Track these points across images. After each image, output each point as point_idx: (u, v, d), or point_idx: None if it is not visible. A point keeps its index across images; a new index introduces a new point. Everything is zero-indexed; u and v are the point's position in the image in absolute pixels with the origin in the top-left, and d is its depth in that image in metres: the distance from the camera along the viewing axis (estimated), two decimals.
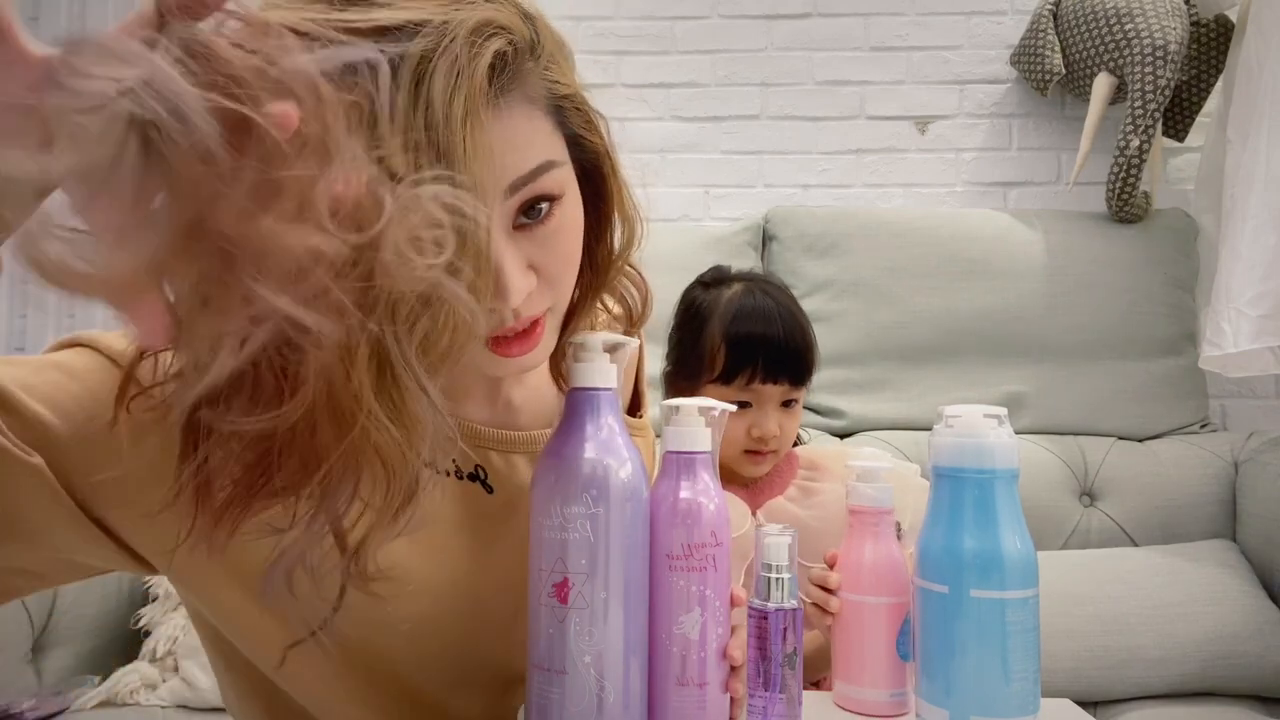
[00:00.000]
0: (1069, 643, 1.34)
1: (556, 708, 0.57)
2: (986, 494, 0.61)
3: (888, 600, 0.68)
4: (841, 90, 1.94)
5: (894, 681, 0.68)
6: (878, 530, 0.71)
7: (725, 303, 0.97)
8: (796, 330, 0.96)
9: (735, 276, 1.03)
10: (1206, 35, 1.77)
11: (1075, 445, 1.63)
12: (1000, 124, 1.93)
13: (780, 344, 0.94)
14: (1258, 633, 1.35)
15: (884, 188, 1.93)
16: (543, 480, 0.60)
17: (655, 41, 1.96)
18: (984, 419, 0.63)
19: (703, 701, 0.60)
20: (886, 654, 0.68)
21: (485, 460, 0.66)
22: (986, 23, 1.94)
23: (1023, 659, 0.59)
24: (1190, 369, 1.69)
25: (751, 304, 0.96)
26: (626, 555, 0.59)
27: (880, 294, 1.70)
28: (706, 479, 0.64)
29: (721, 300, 0.98)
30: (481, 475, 0.66)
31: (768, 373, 0.94)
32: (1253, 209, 1.47)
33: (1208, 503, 1.55)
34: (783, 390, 0.96)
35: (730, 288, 1.00)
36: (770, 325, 0.94)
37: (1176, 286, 1.73)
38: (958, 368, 1.70)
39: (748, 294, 0.98)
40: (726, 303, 0.97)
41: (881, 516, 0.71)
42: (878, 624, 0.68)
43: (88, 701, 1.27)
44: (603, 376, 0.62)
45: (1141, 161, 1.66)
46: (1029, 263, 1.71)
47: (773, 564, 0.64)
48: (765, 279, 1.04)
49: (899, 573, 0.69)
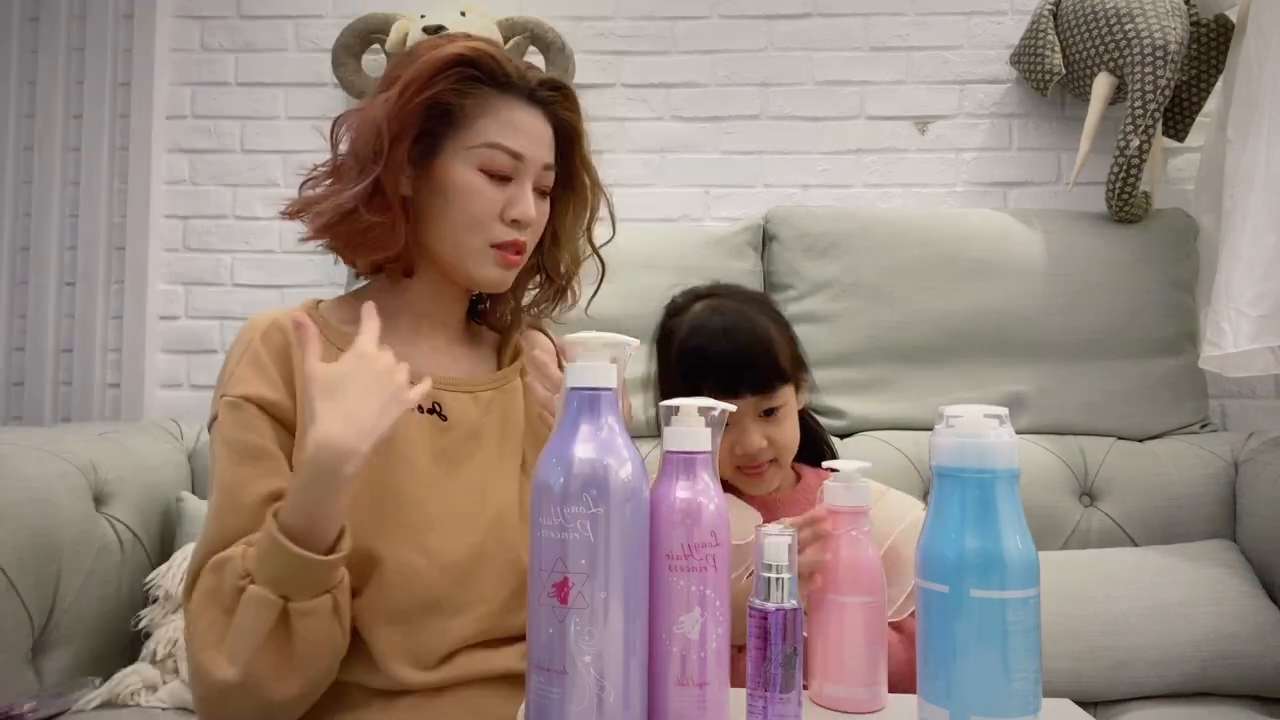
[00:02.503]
0: (1069, 643, 1.34)
1: (556, 708, 0.57)
2: (987, 494, 0.62)
3: (863, 599, 0.69)
4: (841, 90, 1.94)
5: (870, 679, 0.69)
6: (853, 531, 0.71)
7: (683, 325, 0.99)
8: (750, 341, 0.95)
9: (701, 294, 1.04)
10: (1206, 35, 1.77)
11: (1075, 445, 1.63)
12: (1000, 124, 1.93)
13: (726, 357, 0.94)
14: (1258, 633, 1.34)
15: (884, 188, 1.93)
16: (543, 480, 0.60)
17: (655, 41, 1.96)
18: (984, 419, 0.63)
19: (703, 701, 0.61)
20: (863, 651, 0.69)
21: (439, 399, 0.91)
22: (986, 23, 1.94)
23: (1023, 659, 0.59)
24: (1190, 369, 1.68)
25: (702, 322, 0.98)
26: (626, 555, 0.59)
27: (880, 294, 1.70)
28: (706, 479, 0.64)
29: (683, 324, 1.00)
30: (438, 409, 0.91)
31: (724, 388, 0.92)
32: (1253, 209, 1.47)
33: (1207, 503, 1.55)
34: (751, 403, 0.95)
35: (691, 310, 1.01)
36: (716, 341, 0.95)
37: (1176, 286, 1.73)
38: (958, 368, 1.70)
39: (702, 313, 0.99)
40: (684, 325, 0.99)
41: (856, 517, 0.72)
42: (855, 623, 0.69)
43: (88, 703, 1.27)
44: (603, 376, 0.62)
45: (1141, 161, 1.66)
46: (1029, 263, 1.71)
47: (773, 564, 0.64)
48: (729, 292, 1.04)
49: (874, 573, 0.70)
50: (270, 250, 1.96)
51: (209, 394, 1.94)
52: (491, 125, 0.89)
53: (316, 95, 1.97)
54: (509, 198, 0.90)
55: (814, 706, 0.69)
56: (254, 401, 0.85)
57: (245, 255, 1.96)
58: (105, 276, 1.93)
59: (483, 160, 0.89)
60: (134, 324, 1.92)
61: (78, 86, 1.95)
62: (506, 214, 0.89)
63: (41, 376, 1.92)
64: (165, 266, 1.97)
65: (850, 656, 0.69)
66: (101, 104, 1.94)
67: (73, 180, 1.95)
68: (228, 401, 0.85)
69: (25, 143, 1.97)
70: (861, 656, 0.69)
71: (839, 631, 0.70)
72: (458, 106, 0.88)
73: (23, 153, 1.97)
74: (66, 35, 1.95)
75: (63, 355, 1.94)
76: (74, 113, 1.96)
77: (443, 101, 0.87)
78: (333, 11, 1.98)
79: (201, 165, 1.98)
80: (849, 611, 0.69)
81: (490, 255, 0.90)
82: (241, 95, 1.98)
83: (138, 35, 1.94)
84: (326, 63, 1.94)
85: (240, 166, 1.98)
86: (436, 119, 0.88)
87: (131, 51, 1.95)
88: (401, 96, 0.86)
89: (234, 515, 0.80)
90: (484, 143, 0.88)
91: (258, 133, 1.98)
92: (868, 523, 0.72)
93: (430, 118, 0.88)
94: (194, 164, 1.98)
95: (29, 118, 1.97)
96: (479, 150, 0.88)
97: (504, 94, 0.90)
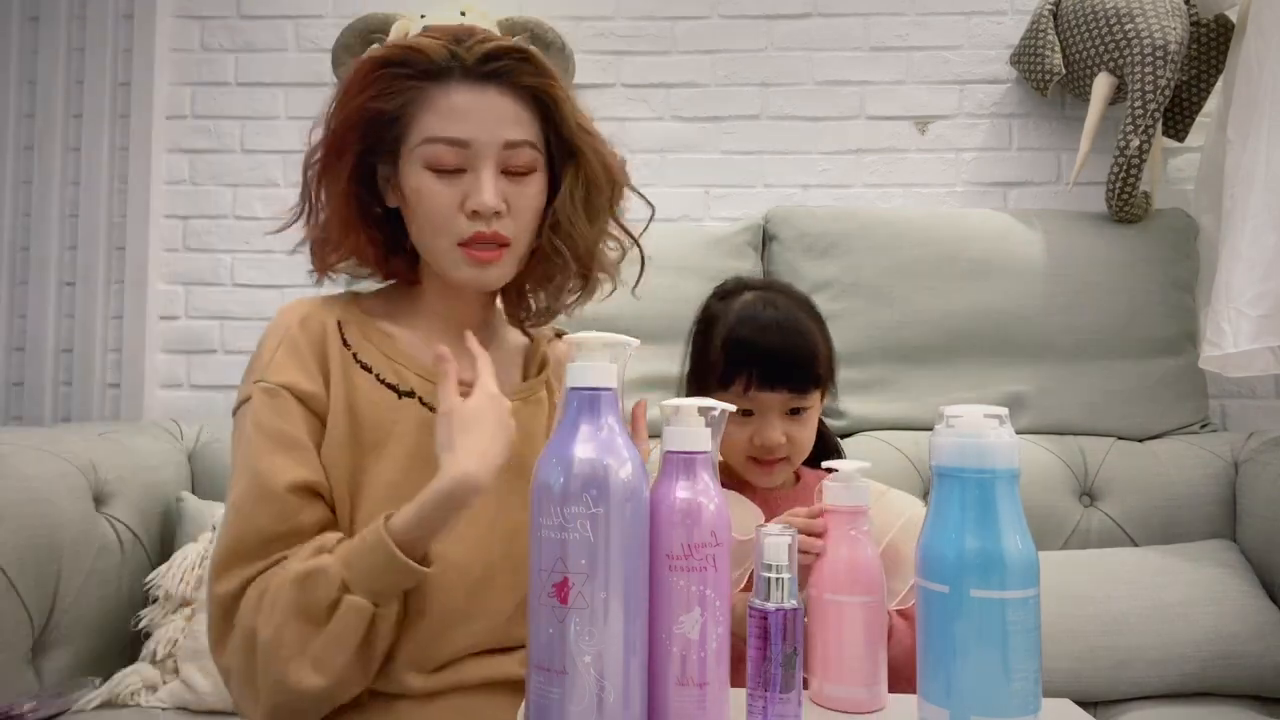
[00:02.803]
0: (1069, 643, 1.34)
1: (556, 708, 0.57)
2: (987, 494, 0.61)
3: (863, 599, 0.69)
4: (841, 90, 1.94)
5: (870, 679, 0.69)
6: (853, 531, 0.71)
7: (731, 312, 1.00)
8: (798, 339, 0.97)
9: (751, 285, 1.05)
10: (1206, 35, 1.77)
11: (1075, 445, 1.63)
12: (1000, 124, 1.93)
13: (775, 352, 0.95)
14: (1258, 633, 1.34)
15: (884, 188, 1.93)
16: (543, 479, 0.60)
17: (655, 41, 1.96)
18: (985, 419, 0.63)
19: (703, 701, 0.61)
20: (863, 652, 0.69)
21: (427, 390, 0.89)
22: (986, 23, 1.94)
23: (1023, 659, 0.59)
24: (1190, 369, 1.68)
25: (753, 313, 0.99)
26: (626, 555, 0.59)
27: (880, 294, 1.70)
28: (706, 479, 0.64)
29: (730, 309, 1.00)
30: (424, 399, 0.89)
31: (764, 380, 0.95)
32: (1253, 209, 1.47)
33: (1208, 503, 1.55)
34: (783, 398, 0.96)
35: (741, 297, 1.02)
36: (766, 334, 0.96)
37: (1176, 286, 1.73)
38: (958, 368, 1.70)
39: (754, 303, 1.00)
40: (731, 312, 1.00)
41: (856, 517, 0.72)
42: (854, 623, 0.69)
43: (88, 703, 1.27)
44: (603, 376, 0.62)
45: (1141, 161, 1.66)
46: (1029, 263, 1.71)
47: (773, 564, 0.64)
48: (782, 289, 1.06)
49: (874, 573, 0.70)
50: (270, 250, 1.96)
51: (209, 394, 1.98)
52: (429, 118, 0.84)
53: (316, 95, 1.97)
54: (464, 190, 0.84)
55: (814, 706, 0.69)
56: (291, 390, 0.83)
57: (245, 255, 1.96)
58: (105, 276, 1.93)
59: (426, 157, 0.84)
60: (134, 324, 1.92)
61: (78, 86, 1.95)
62: (466, 207, 0.84)
63: (41, 376, 1.92)
64: (165, 266, 1.97)
65: (850, 656, 0.69)
66: (101, 104, 1.94)
67: (73, 180, 1.95)
68: (264, 387, 0.83)
69: (25, 143, 1.97)
70: (861, 656, 0.69)
71: (838, 631, 0.70)
72: (395, 110, 0.84)
73: (23, 153, 1.97)
74: (66, 35, 1.95)
75: (63, 355, 1.94)
76: (74, 113, 1.96)
77: (375, 109, 0.84)
78: (333, 11, 1.98)
79: (201, 165, 1.98)
80: (849, 611, 0.69)
81: (458, 255, 0.85)
82: (241, 95, 1.98)
83: (138, 35, 1.94)
84: (326, 63, 1.94)
85: (240, 166, 1.98)
86: (383, 128, 0.86)
87: (131, 51, 1.95)
88: (336, 114, 0.85)
89: (264, 504, 0.79)
90: (422, 139, 0.84)
91: (258, 133, 1.98)
92: (867, 522, 0.73)
93: (372, 129, 0.85)
94: (194, 164, 1.98)
95: (29, 118, 1.97)
96: (420, 149, 0.84)
97: (438, 82, 0.84)
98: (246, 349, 1.94)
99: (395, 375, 0.87)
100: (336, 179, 0.87)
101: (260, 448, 0.81)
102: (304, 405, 0.84)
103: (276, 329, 0.87)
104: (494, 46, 0.85)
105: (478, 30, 0.87)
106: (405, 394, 0.87)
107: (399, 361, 0.88)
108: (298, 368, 0.84)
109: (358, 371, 0.86)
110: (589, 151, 0.90)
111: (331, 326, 0.88)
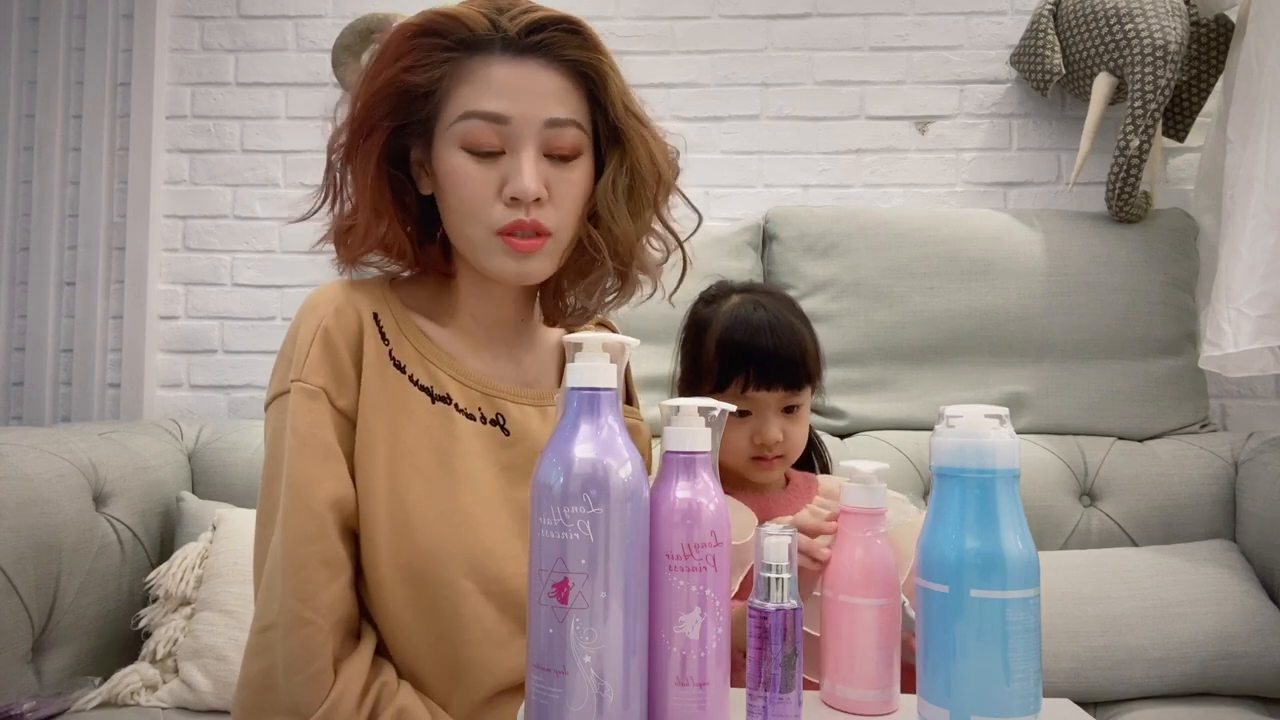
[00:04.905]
0: (1069, 643, 1.34)
1: (556, 708, 0.57)
2: (987, 494, 0.61)
3: (878, 602, 0.69)
4: (841, 90, 1.94)
5: (883, 681, 0.68)
6: (869, 532, 0.71)
7: (720, 316, 1.02)
8: (789, 338, 0.99)
9: (736, 289, 1.08)
10: (1206, 35, 1.77)
11: (1075, 445, 1.63)
12: (1000, 124, 1.93)
13: (768, 352, 0.97)
14: (1257, 633, 1.34)
15: (884, 188, 1.93)
16: (543, 480, 0.60)
17: (655, 41, 1.96)
18: (985, 419, 0.63)
19: (703, 701, 0.60)
20: (876, 654, 0.68)
21: (503, 410, 0.84)
22: (986, 23, 1.94)
23: (1023, 659, 0.59)
24: (1190, 369, 1.68)
25: (743, 315, 1.01)
26: (626, 555, 0.59)
27: (880, 294, 1.70)
28: (706, 479, 0.64)
29: (719, 314, 1.02)
30: (501, 421, 0.84)
31: (759, 380, 0.97)
32: (1253, 209, 1.47)
33: (1207, 503, 1.55)
34: (780, 397, 0.98)
35: (728, 301, 1.04)
36: (759, 335, 0.98)
37: (1176, 286, 1.73)
38: (958, 368, 1.70)
39: (742, 306, 1.02)
40: (721, 316, 1.02)
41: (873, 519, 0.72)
42: (868, 625, 0.69)
43: (88, 703, 1.27)
44: (603, 376, 0.62)
45: (1141, 161, 1.66)
46: (1029, 263, 1.71)
47: (773, 564, 0.64)
48: (765, 291, 1.08)
49: (889, 575, 0.70)
50: (270, 250, 1.96)
51: (209, 394, 1.98)
52: (466, 92, 0.77)
53: (316, 95, 1.97)
54: (503, 174, 0.77)
55: (826, 708, 0.69)
56: (329, 396, 0.77)
57: (245, 255, 1.96)
58: (105, 276, 1.93)
59: (462, 136, 0.77)
60: (134, 324, 1.92)
61: (78, 86, 1.96)
62: (505, 192, 0.77)
63: (41, 376, 1.92)
64: (165, 266, 1.97)
65: (863, 659, 0.68)
66: (101, 104, 1.94)
67: (73, 180, 1.96)
68: (304, 389, 0.77)
69: (25, 143, 1.97)
70: (874, 659, 0.68)
71: (851, 634, 0.69)
72: (430, 84, 0.77)
73: (23, 153, 1.98)
74: (66, 35, 1.95)
75: (63, 355, 1.94)
76: (74, 113, 1.96)
77: (408, 81, 0.77)
78: (333, 11, 1.98)
79: (201, 165, 1.98)
80: (862, 614, 0.69)
81: (497, 244, 0.78)
82: (241, 95, 1.98)
83: (138, 35, 1.95)
84: (326, 63, 1.94)
85: (240, 166, 1.98)
86: (416, 104, 0.79)
87: (131, 51, 1.95)
88: (365, 88, 0.78)
89: (302, 520, 0.74)
90: (459, 114, 0.77)
91: (258, 133, 1.98)
92: (884, 525, 0.72)
93: (404, 104, 0.79)
94: (194, 164, 1.98)
95: (29, 118, 1.97)
96: (457, 126, 0.77)
97: (477, 53, 0.77)
98: (246, 349, 1.95)
99: (430, 377, 0.81)
100: (365, 160, 0.80)
101: (298, 455, 0.75)
102: (339, 413, 0.78)
103: (310, 320, 0.79)
104: (540, 16, 0.78)
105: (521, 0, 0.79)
106: (440, 399, 0.81)
107: (434, 362, 0.82)
108: (332, 372, 0.78)
109: (392, 371, 0.80)
110: (636, 138, 0.84)
111: (368, 318, 0.81)
